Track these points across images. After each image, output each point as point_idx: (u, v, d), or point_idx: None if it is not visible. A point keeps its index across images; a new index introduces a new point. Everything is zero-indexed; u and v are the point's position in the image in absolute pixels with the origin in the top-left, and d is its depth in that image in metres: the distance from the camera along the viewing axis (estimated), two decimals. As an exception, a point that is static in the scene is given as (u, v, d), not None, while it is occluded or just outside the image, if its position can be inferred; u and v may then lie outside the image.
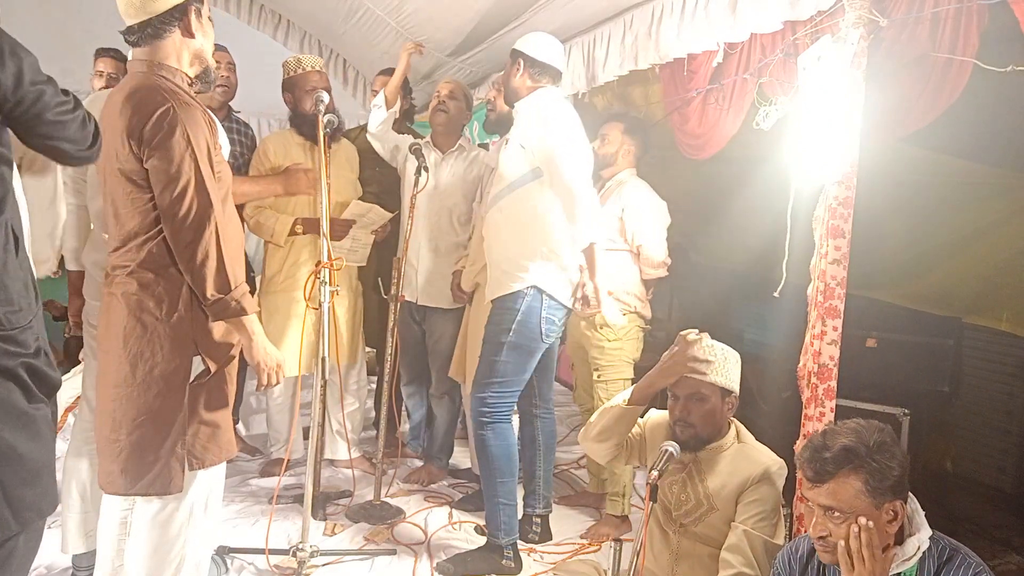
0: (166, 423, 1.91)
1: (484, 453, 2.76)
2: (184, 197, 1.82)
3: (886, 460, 1.50)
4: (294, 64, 3.22)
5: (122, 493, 1.95)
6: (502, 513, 2.75)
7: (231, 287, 1.88)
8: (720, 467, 2.11)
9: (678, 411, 2.12)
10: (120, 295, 1.92)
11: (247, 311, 1.92)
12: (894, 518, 1.52)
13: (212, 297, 1.86)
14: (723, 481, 2.08)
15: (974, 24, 1.95)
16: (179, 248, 1.85)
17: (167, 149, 1.81)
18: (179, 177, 1.82)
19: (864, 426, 1.56)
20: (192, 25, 1.93)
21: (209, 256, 1.85)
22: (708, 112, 2.86)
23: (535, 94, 2.74)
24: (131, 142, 1.82)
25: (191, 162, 1.83)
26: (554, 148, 2.62)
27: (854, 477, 1.51)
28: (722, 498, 2.07)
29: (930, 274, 3.70)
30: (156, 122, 1.80)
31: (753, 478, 2.03)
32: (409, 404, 3.84)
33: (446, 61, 4.29)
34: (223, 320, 1.92)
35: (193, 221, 1.83)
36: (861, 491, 1.50)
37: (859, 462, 1.50)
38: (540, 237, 2.68)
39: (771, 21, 2.34)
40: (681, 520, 2.15)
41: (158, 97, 1.83)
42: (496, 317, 2.74)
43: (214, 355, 1.97)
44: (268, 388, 2.08)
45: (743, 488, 2.04)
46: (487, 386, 2.71)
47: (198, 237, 1.84)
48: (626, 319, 3.11)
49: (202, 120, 1.90)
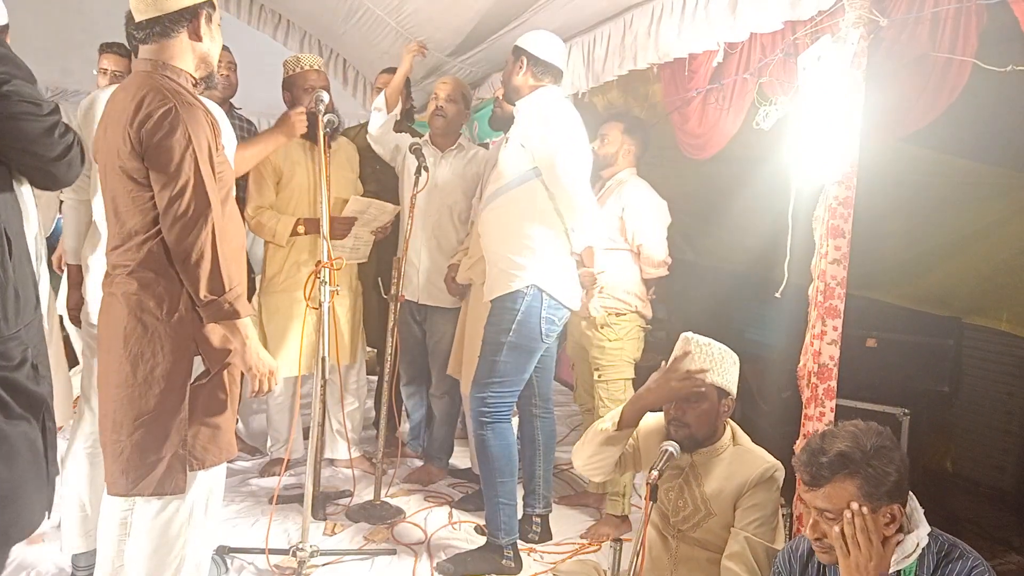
0: (167, 423, 1.90)
1: (484, 453, 2.75)
2: (182, 196, 1.82)
3: (883, 465, 1.50)
4: (293, 63, 3.22)
5: (124, 494, 1.95)
6: (502, 513, 2.75)
7: (225, 289, 1.87)
8: (717, 471, 2.08)
9: (673, 411, 2.10)
10: (120, 295, 1.91)
11: (240, 314, 1.90)
12: (891, 521, 1.52)
13: (205, 298, 1.85)
14: (720, 485, 2.06)
15: (973, 24, 1.95)
16: (175, 247, 1.85)
17: (168, 148, 1.81)
18: (178, 176, 1.82)
19: (863, 430, 1.54)
20: (201, 28, 1.93)
21: (204, 256, 1.84)
22: (708, 112, 2.86)
23: (537, 93, 2.73)
24: (132, 140, 1.82)
25: (191, 162, 1.83)
26: (554, 149, 2.61)
27: (849, 482, 1.50)
28: (720, 503, 2.05)
29: (930, 274, 3.70)
30: (157, 121, 1.80)
31: (751, 482, 2.01)
32: (409, 404, 3.84)
33: (446, 61, 4.29)
34: (216, 322, 1.90)
35: (190, 220, 1.83)
36: (856, 496, 1.50)
37: (854, 467, 1.50)
38: (540, 236, 2.67)
39: (771, 21, 2.34)
40: (679, 526, 2.13)
41: (161, 96, 1.83)
42: (496, 317, 2.73)
43: (213, 356, 1.96)
44: (260, 395, 2.05)
45: (741, 492, 2.02)
46: (487, 386, 2.71)
47: (194, 237, 1.83)
48: (625, 318, 3.12)
49: (204, 120, 1.90)
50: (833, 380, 2.11)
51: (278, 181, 3.21)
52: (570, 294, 2.75)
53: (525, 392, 2.91)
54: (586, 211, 2.64)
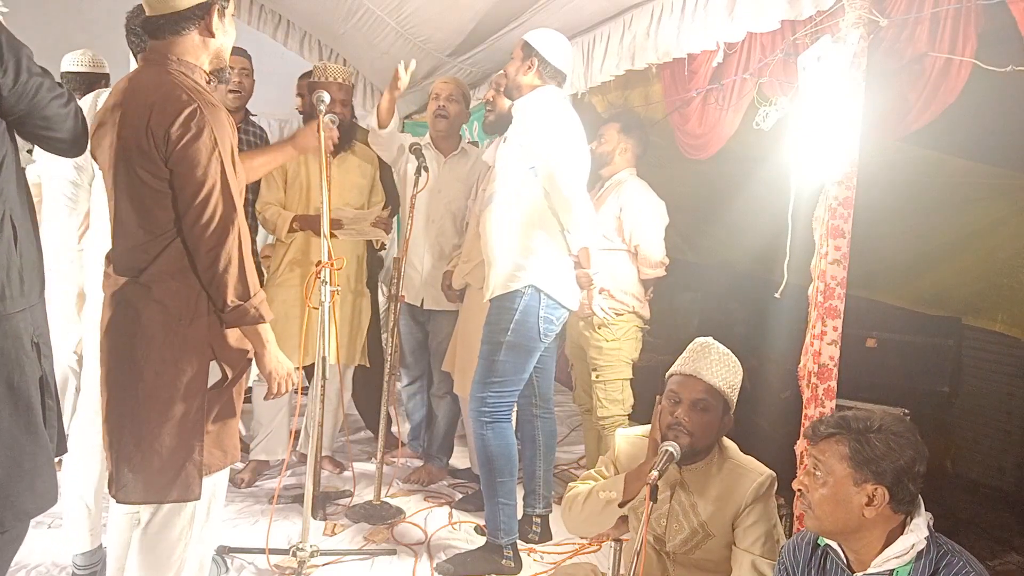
0: (184, 430, 1.85)
1: (484, 453, 2.75)
2: (209, 201, 1.77)
3: (880, 443, 1.52)
4: (319, 71, 3.31)
5: (140, 502, 1.90)
6: (502, 513, 2.75)
7: (250, 294, 1.83)
8: (710, 491, 1.99)
9: (678, 413, 1.96)
10: (133, 299, 1.84)
11: (264, 319, 1.87)
12: (869, 502, 1.52)
13: (232, 304, 1.80)
14: (716, 506, 1.98)
15: (973, 24, 1.95)
16: (200, 253, 1.79)
17: (194, 151, 1.75)
18: (205, 181, 1.76)
19: (883, 411, 1.61)
20: (214, 24, 1.86)
21: (232, 262, 1.79)
22: (708, 112, 2.86)
23: (537, 92, 2.70)
24: (154, 141, 1.75)
25: (217, 165, 1.77)
26: (552, 151, 2.61)
27: (841, 445, 1.56)
28: (718, 524, 1.98)
29: (930, 274, 3.70)
30: (183, 123, 1.74)
31: (747, 500, 1.94)
32: (410, 406, 3.85)
33: (446, 61, 4.29)
34: (239, 327, 1.87)
35: (217, 226, 1.78)
36: (845, 457, 1.54)
37: (848, 433, 1.56)
38: (538, 236, 2.67)
39: (770, 21, 2.34)
40: (676, 550, 2.05)
41: (184, 96, 1.77)
42: (494, 317, 2.73)
43: (231, 361, 1.92)
44: (278, 396, 2.03)
45: (738, 512, 1.95)
46: (486, 386, 2.71)
47: (221, 242, 1.78)
48: (623, 318, 3.12)
49: (227, 122, 1.85)
50: (833, 380, 2.11)
51: (286, 178, 3.31)
52: (568, 294, 2.74)
53: (525, 392, 2.91)
54: (582, 213, 2.63)
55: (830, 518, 1.57)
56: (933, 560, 1.52)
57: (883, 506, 1.53)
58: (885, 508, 1.53)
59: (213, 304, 1.85)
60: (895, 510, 1.54)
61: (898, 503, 1.53)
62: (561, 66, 2.73)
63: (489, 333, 2.73)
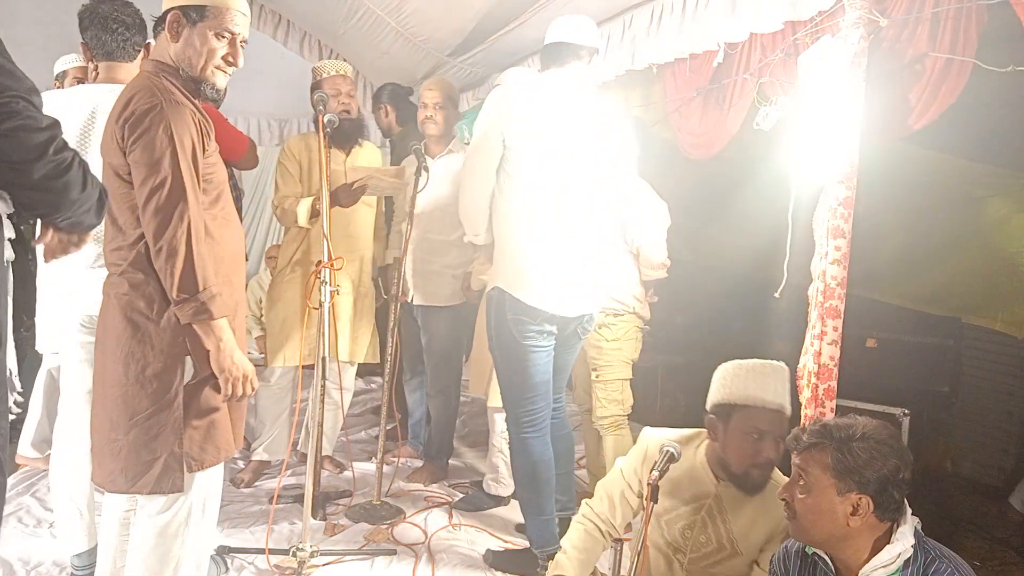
0: (161, 423, 1.90)
1: (513, 463, 2.76)
2: (158, 192, 1.82)
3: (863, 452, 1.51)
4: (318, 69, 3.37)
5: (123, 491, 1.96)
6: (536, 523, 2.69)
7: (198, 288, 1.84)
8: (746, 510, 1.97)
9: (761, 449, 1.91)
10: (113, 295, 1.93)
11: (213, 315, 1.86)
12: (854, 512, 1.52)
13: (178, 297, 1.83)
14: (751, 527, 1.96)
15: (974, 24, 1.95)
16: (151, 243, 1.85)
17: (149, 144, 1.82)
18: (157, 172, 1.82)
19: (866, 420, 1.58)
20: (175, 30, 1.93)
21: (177, 254, 1.82)
22: (708, 112, 2.86)
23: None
24: (118, 137, 1.85)
25: (171, 159, 1.83)
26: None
27: (823, 454, 1.55)
28: (748, 544, 1.96)
29: (930, 274, 3.70)
30: (139, 117, 1.82)
31: (782, 526, 1.89)
32: (411, 400, 3.88)
33: (446, 61, 4.29)
34: (189, 322, 1.86)
35: (164, 217, 1.82)
36: (827, 467, 1.54)
37: (829, 442, 1.55)
38: (500, 235, 2.60)
39: (771, 21, 2.34)
40: (696, 563, 2.02)
41: (149, 95, 1.86)
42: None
43: (201, 357, 1.93)
44: (233, 399, 1.98)
45: (772, 536, 1.93)
46: (503, 396, 2.70)
47: (167, 233, 1.82)
48: (623, 319, 3.11)
49: (191, 120, 1.90)
50: (833, 380, 2.11)
51: (300, 172, 3.36)
52: (538, 295, 2.51)
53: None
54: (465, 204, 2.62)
55: (815, 528, 1.56)
56: (921, 567, 1.51)
57: (868, 515, 1.52)
58: (870, 517, 1.53)
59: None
60: (881, 518, 1.54)
61: (883, 511, 1.53)
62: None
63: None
